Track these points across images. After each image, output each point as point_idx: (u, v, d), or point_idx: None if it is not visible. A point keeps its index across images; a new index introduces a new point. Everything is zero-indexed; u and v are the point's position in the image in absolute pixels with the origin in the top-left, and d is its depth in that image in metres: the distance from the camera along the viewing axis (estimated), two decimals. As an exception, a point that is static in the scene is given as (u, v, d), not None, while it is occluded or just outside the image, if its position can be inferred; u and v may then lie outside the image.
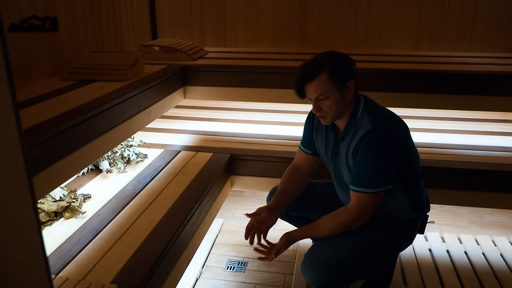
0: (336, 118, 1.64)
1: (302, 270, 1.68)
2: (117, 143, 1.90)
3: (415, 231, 1.79)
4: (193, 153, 2.42)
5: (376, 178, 1.56)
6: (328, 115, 1.61)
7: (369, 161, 1.56)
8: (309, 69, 1.57)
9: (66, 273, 1.43)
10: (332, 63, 1.56)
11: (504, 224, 2.88)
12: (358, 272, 1.67)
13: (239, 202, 3.19)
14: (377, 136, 1.55)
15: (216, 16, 3.42)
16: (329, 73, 1.54)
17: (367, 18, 3.23)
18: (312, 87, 1.57)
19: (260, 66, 2.62)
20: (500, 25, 3.09)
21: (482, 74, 2.37)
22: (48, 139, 1.38)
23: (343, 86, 1.57)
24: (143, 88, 2.06)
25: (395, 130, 1.59)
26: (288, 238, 1.66)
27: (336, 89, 1.56)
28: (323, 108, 1.60)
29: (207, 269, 2.39)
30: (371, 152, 1.56)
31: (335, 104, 1.58)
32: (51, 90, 1.91)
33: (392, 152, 1.58)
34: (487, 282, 2.12)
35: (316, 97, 1.58)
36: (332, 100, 1.57)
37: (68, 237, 1.64)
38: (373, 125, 1.56)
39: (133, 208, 1.86)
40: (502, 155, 2.36)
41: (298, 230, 1.69)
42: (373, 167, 1.56)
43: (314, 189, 1.95)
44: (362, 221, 1.61)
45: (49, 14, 2.12)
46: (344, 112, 1.63)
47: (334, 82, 1.55)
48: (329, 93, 1.56)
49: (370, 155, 1.56)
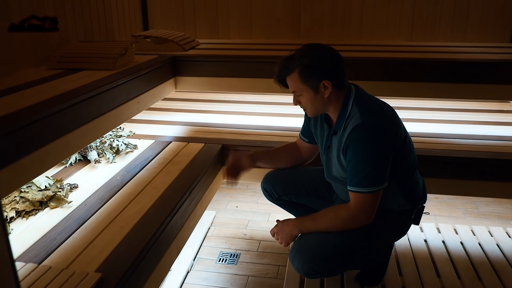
0: (317, 113, 1.63)
1: (290, 257, 1.66)
2: (105, 132, 1.86)
3: (409, 222, 1.76)
4: (184, 144, 2.38)
5: (372, 176, 1.51)
6: (307, 109, 1.62)
7: (362, 158, 1.51)
8: (282, 66, 1.57)
9: (49, 262, 1.38)
10: (304, 64, 1.52)
11: (500, 214, 2.85)
12: (347, 262, 1.63)
13: (231, 194, 3.15)
14: (367, 131, 1.50)
15: (208, 7, 3.38)
16: (299, 73, 1.53)
17: (361, 8, 3.19)
18: (288, 82, 1.58)
19: (252, 56, 2.59)
20: (495, 15, 3.06)
21: (477, 62, 2.34)
22: (31, 124, 1.33)
23: (317, 85, 1.53)
24: (132, 76, 2.02)
25: (385, 124, 1.53)
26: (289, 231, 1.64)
27: (308, 88, 1.54)
28: (302, 103, 1.60)
29: (198, 261, 2.35)
30: (362, 149, 1.50)
31: (310, 101, 1.57)
32: (37, 78, 1.86)
33: (384, 147, 1.52)
34: (483, 272, 2.08)
35: (292, 92, 1.59)
36: (306, 98, 1.57)
37: (52, 226, 1.59)
38: (362, 119, 1.51)
39: (121, 197, 1.81)
40: (497, 143, 2.33)
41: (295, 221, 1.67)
42: (366, 164, 1.51)
43: (308, 175, 1.92)
44: (361, 220, 1.55)
45: (36, 3, 2.07)
46: (327, 108, 1.61)
47: (306, 82, 1.53)
48: (302, 91, 1.56)
49: (361, 153, 1.51)
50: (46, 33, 2.16)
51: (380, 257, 1.95)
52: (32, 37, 2.07)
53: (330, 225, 1.58)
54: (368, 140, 1.50)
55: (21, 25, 0.90)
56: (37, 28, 1.82)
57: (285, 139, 2.37)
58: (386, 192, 1.62)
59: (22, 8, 1.98)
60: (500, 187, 2.19)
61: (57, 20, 1.15)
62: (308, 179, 1.90)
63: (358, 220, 1.55)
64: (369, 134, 1.50)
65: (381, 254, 1.94)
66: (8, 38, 1.92)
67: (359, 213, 1.54)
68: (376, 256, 1.90)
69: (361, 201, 1.53)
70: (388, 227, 1.70)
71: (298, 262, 1.59)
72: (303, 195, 1.90)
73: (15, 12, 1.93)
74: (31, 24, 1.30)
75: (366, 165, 1.50)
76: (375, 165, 1.51)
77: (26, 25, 1.20)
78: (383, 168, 1.53)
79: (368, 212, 1.55)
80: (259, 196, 3.11)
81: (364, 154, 1.50)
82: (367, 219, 1.56)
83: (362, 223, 1.56)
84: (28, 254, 1.42)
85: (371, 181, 1.51)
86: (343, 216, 1.56)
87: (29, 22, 1.24)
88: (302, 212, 1.97)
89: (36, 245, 1.48)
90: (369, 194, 1.52)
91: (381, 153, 1.51)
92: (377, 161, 1.51)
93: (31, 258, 1.40)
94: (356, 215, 1.54)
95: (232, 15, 3.37)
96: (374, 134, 1.50)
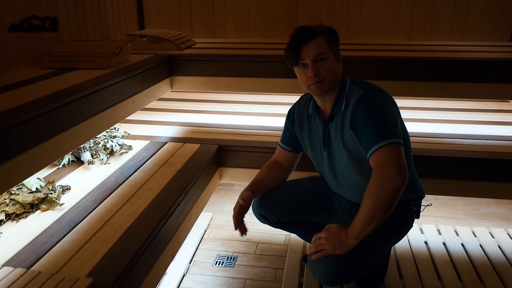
0: (331, 86, 1.56)
1: (310, 267, 1.57)
2: (99, 132, 1.82)
3: (413, 216, 1.71)
4: (180, 144, 2.34)
5: (388, 128, 1.45)
6: (325, 80, 1.53)
7: (373, 116, 1.47)
8: (307, 31, 1.54)
9: (38, 266, 1.33)
10: (327, 31, 1.56)
11: (501, 215, 2.81)
12: (367, 263, 1.55)
13: (228, 196, 3.10)
14: (373, 95, 1.51)
15: (205, 6, 3.34)
16: (326, 38, 1.54)
17: (359, 7, 3.16)
18: (311, 47, 1.52)
19: (248, 55, 2.55)
20: (494, 13, 3.03)
21: (476, 61, 2.31)
22: (22, 123, 1.29)
23: (337, 53, 1.57)
24: (126, 75, 1.98)
25: (388, 95, 1.56)
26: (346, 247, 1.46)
27: (332, 54, 1.54)
28: (321, 71, 1.52)
29: (195, 264, 2.31)
30: (371, 109, 1.48)
31: (333, 68, 1.54)
32: (29, 77, 1.82)
33: (391, 107, 1.52)
34: (485, 274, 2.05)
35: (314, 57, 1.51)
36: (330, 63, 1.53)
37: (43, 229, 1.55)
38: (364, 89, 1.52)
39: (114, 199, 1.76)
40: (497, 143, 2.30)
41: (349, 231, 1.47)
42: (379, 121, 1.46)
43: (302, 188, 1.84)
44: (401, 175, 1.38)
45: (29, 2, 2.02)
46: (335, 85, 1.58)
47: (330, 47, 1.54)
48: (327, 55, 1.52)
49: (371, 112, 1.47)
50: (40, 32, 2.12)
51: (383, 259, 1.91)
52: (26, 36, 2.03)
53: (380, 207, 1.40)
54: (376, 102, 1.50)
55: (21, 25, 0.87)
56: (37, 28, 1.78)
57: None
58: None
59: (15, 7, 1.94)
60: (501, 188, 2.15)
61: (57, 20, 1.12)
62: (303, 193, 1.82)
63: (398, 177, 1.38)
64: (376, 97, 1.51)
65: (384, 255, 1.91)
66: (1, 37, 1.88)
67: (394, 167, 1.39)
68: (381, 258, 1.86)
69: (388, 156, 1.41)
70: (398, 224, 1.65)
71: (322, 270, 1.50)
72: (303, 211, 1.80)
73: (8, 11, 1.89)
74: (31, 24, 1.26)
75: (379, 122, 1.46)
76: (387, 120, 1.47)
77: (26, 25, 1.16)
78: (396, 123, 1.49)
79: (401, 164, 1.40)
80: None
81: (375, 113, 1.48)
82: (405, 172, 1.40)
83: (404, 178, 1.39)
84: (18, 258, 1.38)
85: (388, 133, 1.44)
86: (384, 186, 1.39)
87: (29, 22, 1.21)
88: (304, 230, 1.89)
89: (26, 249, 1.43)
90: (392, 146, 1.42)
91: (390, 111, 1.51)
92: (389, 116, 1.49)
93: (20, 262, 1.35)
94: (392, 172, 1.39)
95: (229, 14, 3.33)
96: (379, 96, 1.52)
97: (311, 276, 2.01)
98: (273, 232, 2.58)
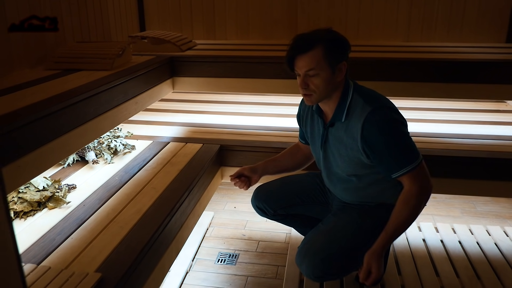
0: (321, 98, 1.54)
1: (297, 262, 1.62)
2: (103, 132, 1.85)
3: None
4: (182, 144, 2.37)
5: (408, 152, 1.49)
6: (315, 94, 1.52)
7: (390, 142, 1.47)
8: (305, 40, 1.48)
9: (48, 262, 1.37)
10: (330, 39, 1.48)
11: (497, 214, 2.86)
12: (354, 261, 1.60)
13: (229, 195, 3.14)
14: (383, 114, 1.47)
15: (205, 8, 3.38)
16: (325, 48, 1.46)
17: (357, 9, 3.20)
18: (304, 60, 1.47)
19: (249, 56, 2.59)
20: (491, 15, 3.07)
21: (473, 62, 2.35)
22: (28, 124, 1.33)
23: (335, 65, 1.49)
24: (129, 76, 2.01)
25: (393, 108, 1.53)
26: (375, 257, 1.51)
27: (328, 67, 1.47)
28: (310, 86, 1.50)
29: (197, 262, 2.34)
30: (385, 135, 1.47)
31: (324, 82, 1.48)
32: (34, 79, 1.85)
33: (402, 126, 1.51)
34: (482, 271, 2.09)
35: (306, 72, 1.48)
36: (321, 78, 1.48)
37: (51, 227, 1.58)
38: (371, 107, 1.47)
39: (119, 198, 1.80)
40: (493, 143, 2.34)
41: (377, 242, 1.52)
42: (397, 145, 1.48)
43: (299, 183, 1.89)
44: (427, 191, 1.52)
45: (32, 3, 2.06)
46: (330, 95, 1.54)
47: (328, 59, 1.46)
48: (321, 69, 1.47)
49: (386, 135, 1.47)
50: (43, 34, 2.15)
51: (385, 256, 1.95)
52: (29, 38, 2.06)
53: (409, 220, 1.51)
54: (387, 124, 1.47)
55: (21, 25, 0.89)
56: (37, 28, 1.80)
57: (283, 139, 2.37)
58: (388, 188, 1.62)
59: (19, 8, 1.97)
60: (497, 186, 2.20)
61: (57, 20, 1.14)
62: (300, 187, 1.86)
63: (425, 194, 1.52)
64: (386, 117, 1.48)
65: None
66: (5, 38, 1.91)
67: (422, 187, 1.49)
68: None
69: (415, 178, 1.49)
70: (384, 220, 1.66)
71: (308, 267, 1.56)
72: (299, 204, 1.85)
73: (12, 12, 1.92)
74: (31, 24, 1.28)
75: (397, 147, 1.48)
76: (404, 142, 1.49)
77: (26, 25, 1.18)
78: (412, 143, 1.51)
79: (426, 180, 1.51)
80: (257, 197, 3.11)
81: (389, 137, 1.47)
82: (431, 186, 1.52)
83: (429, 193, 1.53)
84: (27, 254, 1.41)
85: (410, 157, 1.48)
86: (414, 203, 1.50)
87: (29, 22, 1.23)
88: (300, 223, 1.94)
89: (35, 245, 1.46)
90: (417, 168, 1.48)
91: (402, 131, 1.50)
92: (404, 138, 1.49)
93: (30, 258, 1.39)
94: (420, 192, 1.49)
95: (229, 16, 3.37)
96: (389, 117, 1.48)
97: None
98: (274, 230, 2.61)
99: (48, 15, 2.17)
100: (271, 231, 2.61)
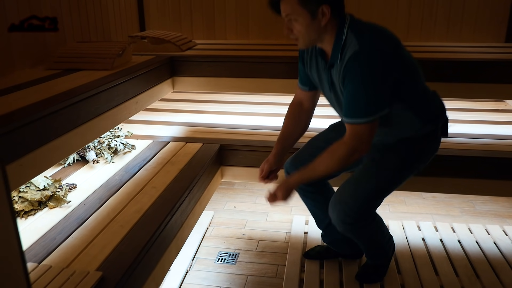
0: (309, 42, 1.52)
1: (329, 211, 1.69)
2: (103, 132, 1.85)
3: (435, 142, 1.74)
4: (182, 144, 2.38)
5: (368, 105, 1.44)
6: (300, 38, 1.50)
7: (358, 88, 1.43)
8: None
9: (49, 261, 1.37)
10: None
11: (496, 213, 2.87)
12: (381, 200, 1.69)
13: (229, 195, 3.15)
14: (363, 58, 1.41)
15: (205, 8, 3.38)
16: None
17: (356, 9, 3.21)
18: (282, 6, 1.47)
19: (249, 56, 2.59)
20: (490, 15, 3.08)
21: (472, 61, 2.35)
22: (29, 124, 1.33)
23: (315, 10, 1.43)
24: (130, 76, 2.01)
25: (382, 46, 1.44)
26: (286, 186, 1.62)
27: (306, 12, 1.43)
28: (294, 30, 1.48)
29: (197, 261, 2.35)
30: (359, 77, 1.42)
31: (305, 27, 1.45)
32: (34, 78, 1.86)
33: (382, 72, 1.43)
34: (481, 270, 2.10)
35: (285, 17, 1.47)
36: (300, 23, 1.45)
37: (52, 226, 1.59)
38: (359, 45, 1.41)
39: (120, 197, 1.81)
40: (492, 142, 2.34)
41: (294, 175, 1.63)
42: (363, 94, 1.44)
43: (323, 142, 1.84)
44: (361, 151, 1.50)
45: (33, 3, 2.06)
46: (321, 38, 1.50)
47: (303, 5, 1.43)
48: (298, 15, 1.44)
49: (358, 81, 1.43)
50: (43, 34, 2.15)
51: (392, 252, 1.97)
52: (29, 37, 2.06)
53: (329, 166, 1.54)
54: (365, 68, 1.42)
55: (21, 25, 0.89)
56: (37, 28, 1.80)
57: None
58: (404, 122, 1.60)
59: (19, 8, 1.98)
60: (496, 186, 2.20)
61: (57, 20, 1.14)
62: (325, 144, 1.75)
63: (357, 152, 1.50)
64: (366, 61, 1.42)
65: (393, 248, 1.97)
66: (5, 38, 1.91)
67: (357, 145, 1.48)
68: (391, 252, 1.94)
69: (358, 132, 1.47)
70: (416, 155, 1.69)
71: (339, 214, 1.62)
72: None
73: (12, 12, 1.93)
74: (31, 24, 1.28)
75: (362, 95, 1.44)
76: (372, 94, 1.44)
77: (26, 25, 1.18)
78: (380, 95, 1.46)
79: (365, 143, 1.49)
80: (257, 196, 3.12)
81: (360, 83, 1.43)
82: (365, 150, 1.50)
83: (360, 154, 1.51)
84: (28, 253, 1.42)
85: (367, 111, 1.45)
86: (341, 155, 1.51)
87: (29, 22, 1.22)
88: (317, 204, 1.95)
89: (36, 244, 1.47)
90: (365, 125, 1.46)
91: (378, 79, 1.43)
92: (374, 89, 1.44)
93: (31, 257, 1.39)
94: (354, 148, 1.49)
95: (229, 16, 3.37)
96: (369, 62, 1.42)
97: (312, 272, 2.06)
98: (274, 229, 2.62)
99: (48, 15, 2.19)
100: (271, 230, 2.62)
